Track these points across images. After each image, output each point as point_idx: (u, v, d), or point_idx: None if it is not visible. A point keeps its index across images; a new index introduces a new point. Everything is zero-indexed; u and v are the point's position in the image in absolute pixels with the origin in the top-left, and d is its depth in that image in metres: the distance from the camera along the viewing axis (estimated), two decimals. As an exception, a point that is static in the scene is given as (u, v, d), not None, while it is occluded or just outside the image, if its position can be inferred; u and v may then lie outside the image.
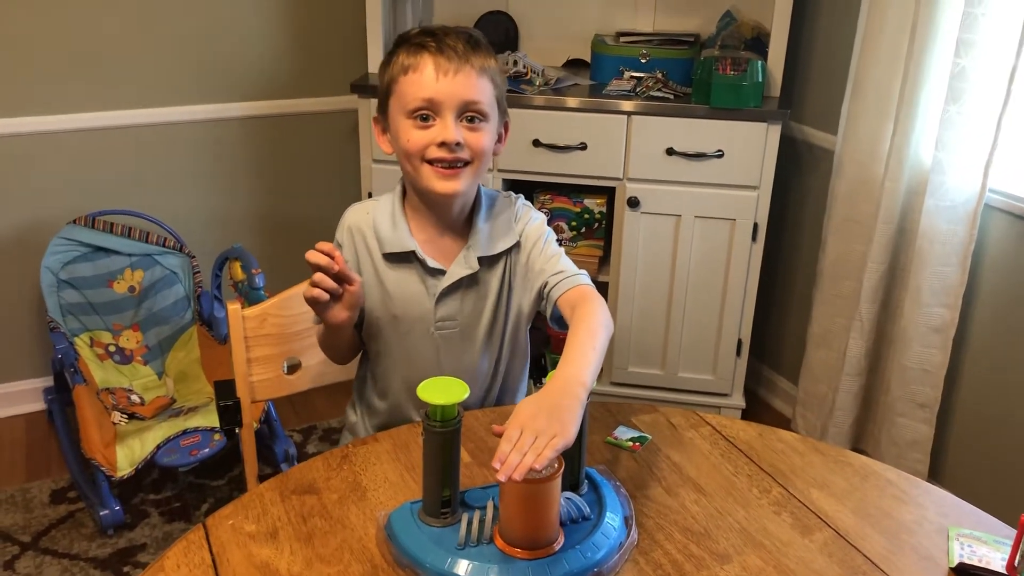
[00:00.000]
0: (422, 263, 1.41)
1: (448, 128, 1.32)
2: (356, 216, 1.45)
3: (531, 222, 1.46)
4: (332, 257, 1.24)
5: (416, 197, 1.42)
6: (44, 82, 2.59)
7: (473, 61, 1.34)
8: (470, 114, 1.34)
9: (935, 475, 2.39)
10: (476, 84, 1.34)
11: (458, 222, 1.44)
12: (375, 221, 1.43)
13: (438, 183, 1.35)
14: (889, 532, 1.19)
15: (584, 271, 1.42)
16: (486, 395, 1.52)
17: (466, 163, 1.35)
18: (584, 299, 1.34)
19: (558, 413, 1.08)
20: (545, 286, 1.41)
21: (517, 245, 1.44)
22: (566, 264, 1.42)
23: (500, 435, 1.06)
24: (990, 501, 1.89)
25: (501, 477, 1.01)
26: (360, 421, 1.58)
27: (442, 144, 1.33)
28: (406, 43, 1.36)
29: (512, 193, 1.50)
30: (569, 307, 1.35)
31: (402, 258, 1.41)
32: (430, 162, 1.34)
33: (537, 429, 1.05)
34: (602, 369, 2.74)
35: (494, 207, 1.46)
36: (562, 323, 1.37)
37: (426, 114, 1.33)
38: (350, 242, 1.44)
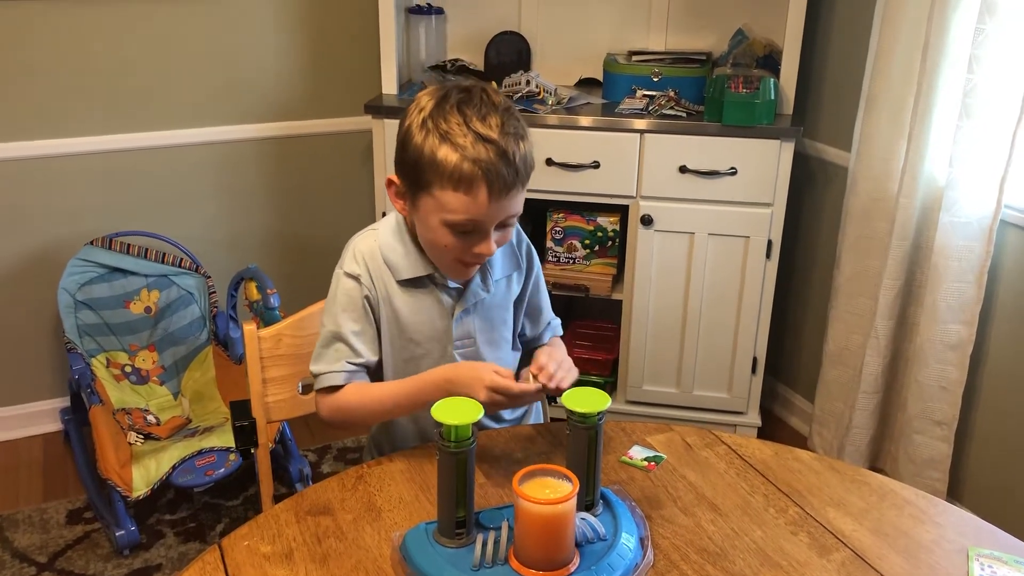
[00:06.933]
0: (439, 285, 1.40)
1: (489, 245, 1.31)
2: (365, 244, 1.42)
3: (533, 253, 1.51)
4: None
5: None
6: (61, 105, 2.62)
7: (523, 176, 1.29)
8: (506, 222, 1.33)
9: (954, 494, 2.37)
10: (520, 198, 1.31)
11: None
12: (382, 249, 1.40)
13: (456, 273, 1.38)
14: (908, 552, 1.18)
15: (557, 317, 1.59)
16: (510, 411, 1.53)
17: None
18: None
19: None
20: (536, 326, 1.55)
21: (520, 269, 1.48)
22: (550, 311, 1.57)
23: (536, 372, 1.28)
24: (1010, 521, 1.87)
25: (542, 379, 1.26)
26: None
27: (477, 255, 1.32)
28: (449, 141, 1.24)
29: None
30: None
31: (417, 283, 1.40)
32: (458, 259, 1.34)
33: (559, 361, 1.32)
34: (616, 387, 2.76)
35: None
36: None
37: (468, 230, 1.29)
38: (366, 270, 1.40)
